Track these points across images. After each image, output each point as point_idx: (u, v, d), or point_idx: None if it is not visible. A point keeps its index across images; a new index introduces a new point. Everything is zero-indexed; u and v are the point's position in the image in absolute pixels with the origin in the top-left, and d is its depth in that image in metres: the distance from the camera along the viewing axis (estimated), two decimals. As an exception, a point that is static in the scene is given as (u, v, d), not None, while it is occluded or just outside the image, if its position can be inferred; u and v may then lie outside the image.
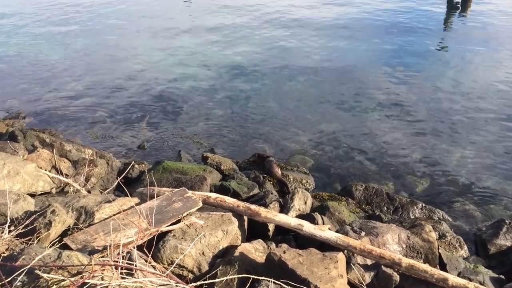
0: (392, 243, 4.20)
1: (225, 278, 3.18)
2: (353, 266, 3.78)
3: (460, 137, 7.63)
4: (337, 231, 4.22)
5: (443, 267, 4.38)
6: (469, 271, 4.47)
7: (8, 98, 9.53)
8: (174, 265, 3.37)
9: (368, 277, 3.76)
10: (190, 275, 3.60)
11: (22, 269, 2.43)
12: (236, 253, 3.67)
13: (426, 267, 3.72)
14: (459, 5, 15.99)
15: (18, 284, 2.40)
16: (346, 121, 8.24)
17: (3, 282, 2.34)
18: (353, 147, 7.44)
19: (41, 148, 5.77)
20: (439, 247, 4.63)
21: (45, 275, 2.37)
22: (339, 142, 7.59)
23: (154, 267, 3.17)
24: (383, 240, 4.16)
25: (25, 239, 3.24)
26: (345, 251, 3.90)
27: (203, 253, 3.71)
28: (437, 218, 5.70)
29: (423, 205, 5.86)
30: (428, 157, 7.15)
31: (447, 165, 6.96)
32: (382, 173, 6.80)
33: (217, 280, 3.21)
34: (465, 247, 5.11)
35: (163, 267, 3.43)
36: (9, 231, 3.18)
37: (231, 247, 3.93)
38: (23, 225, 3.29)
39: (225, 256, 3.77)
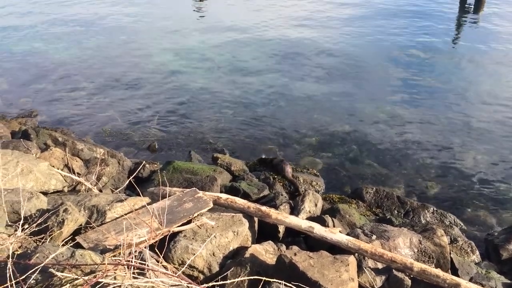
0: (403, 247, 4.17)
1: (236, 279, 3.18)
2: (364, 269, 3.76)
3: (473, 141, 7.55)
4: (348, 234, 4.20)
5: (454, 272, 4.34)
6: (481, 277, 4.42)
7: (20, 97, 9.63)
8: (185, 266, 3.37)
9: (379, 281, 3.74)
10: (201, 276, 3.61)
11: (36, 267, 2.44)
12: (247, 255, 3.67)
13: (438, 272, 3.69)
14: (472, 7, 15.82)
15: (32, 282, 2.42)
16: (356, 124, 8.20)
17: (18, 279, 2.36)
18: (363, 150, 7.40)
19: (53, 146, 5.82)
20: (451, 252, 4.59)
21: (59, 274, 2.39)
22: (350, 144, 7.56)
23: (165, 267, 3.18)
24: (394, 244, 4.13)
25: (38, 237, 3.26)
26: (356, 254, 3.88)
27: (213, 254, 3.71)
28: (449, 223, 5.65)
29: (435, 209, 5.82)
30: (439, 161, 7.09)
31: (459, 169, 6.90)
32: (393, 176, 6.76)
33: (228, 281, 3.21)
34: (477, 252, 5.06)
35: (174, 267, 3.44)
36: (22, 229, 3.21)
37: (241, 248, 3.93)
38: (36, 223, 3.31)
39: (235, 257, 3.77)
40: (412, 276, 3.76)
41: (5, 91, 9.92)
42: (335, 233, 4.00)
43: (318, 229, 4.06)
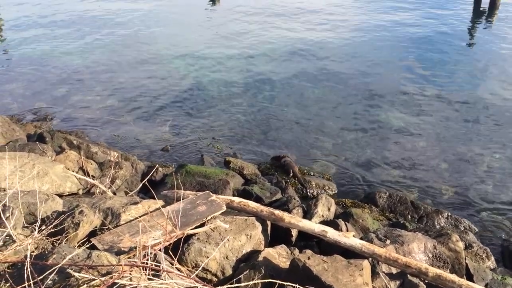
0: (418, 252, 4.13)
1: (250, 282, 3.18)
2: (380, 273, 3.72)
3: (488, 147, 7.46)
4: (361, 239, 4.18)
5: (470, 278, 4.29)
6: (497, 283, 4.37)
7: (35, 101, 9.76)
8: (199, 269, 3.38)
9: (393, 285, 3.71)
10: (214, 279, 3.61)
11: (53, 268, 2.47)
12: (260, 258, 3.67)
13: (454, 277, 3.65)
14: (486, 12, 15.69)
15: (49, 282, 2.45)
16: (369, 129, 8.16)
17: (35, 279, 2.39)
18: (376, 154, 7.36)
19: (68, 149, 5.89)
20: (466, 258, 4.53)
21: (76, 274, 2.41)
22: (362, 148, 7.52)
23: (179, 270, 3.19)
24: (408, 249, 4.10)
25: (54, 238, 3.30)
26: (370, 258, 3.85)
27: (226, 257, 3.71)
28: (463, 228, 5.58)
29: (449, 214, 5.76)
30: (454, 166, 7.02)
31: (474, 174, 6.82)
32: (406, 181, 6.71)
33: (242, 284, 3.20)
34: (492, 258, 5.00)
35: (188, 269, 3.45)
36: (39, 230, 3.25)
37: (254, 251, 3.93)
38: (53, 225, 3.35)
39: (248, 261, 3.77)
40: (427, 281, 3.72)
41: (20, 95, 10.07)
42: (348, 237, 3.98)
43: (331, 233, 4.04)
